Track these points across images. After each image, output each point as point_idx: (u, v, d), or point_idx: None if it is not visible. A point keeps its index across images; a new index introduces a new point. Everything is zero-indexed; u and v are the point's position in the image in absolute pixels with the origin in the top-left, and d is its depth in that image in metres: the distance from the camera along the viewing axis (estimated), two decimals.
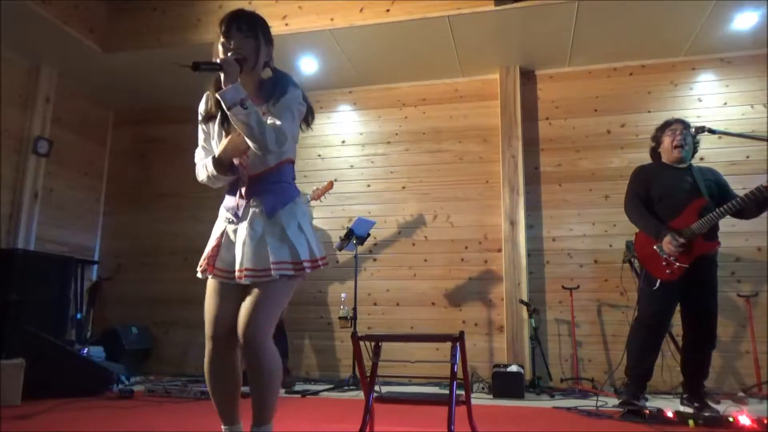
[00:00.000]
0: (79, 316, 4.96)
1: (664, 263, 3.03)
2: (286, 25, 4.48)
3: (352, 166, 5.26)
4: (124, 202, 5.77)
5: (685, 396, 3.14)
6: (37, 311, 4.31)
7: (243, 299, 1.79)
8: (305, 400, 3.62)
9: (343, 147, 5.32)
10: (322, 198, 4.55)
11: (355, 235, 4.40)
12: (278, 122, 1.74)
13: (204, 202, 5.34)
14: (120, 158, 5.91)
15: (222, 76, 1.69)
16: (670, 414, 2.73)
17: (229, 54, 1.75)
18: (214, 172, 1.80)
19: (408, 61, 4.90)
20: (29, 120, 4.87)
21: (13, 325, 3.98)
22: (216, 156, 1.81)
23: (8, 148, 4.71)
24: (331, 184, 4.59)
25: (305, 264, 1.78)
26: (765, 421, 2.54)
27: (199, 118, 1.92)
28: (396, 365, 4.40)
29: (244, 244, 1.77)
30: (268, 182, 1.82)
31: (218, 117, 1.84)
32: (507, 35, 4.47)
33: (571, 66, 4.92)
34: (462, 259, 4.83)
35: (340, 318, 4.41)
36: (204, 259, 1.84)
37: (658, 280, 3.05)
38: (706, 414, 2.76)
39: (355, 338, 2.12)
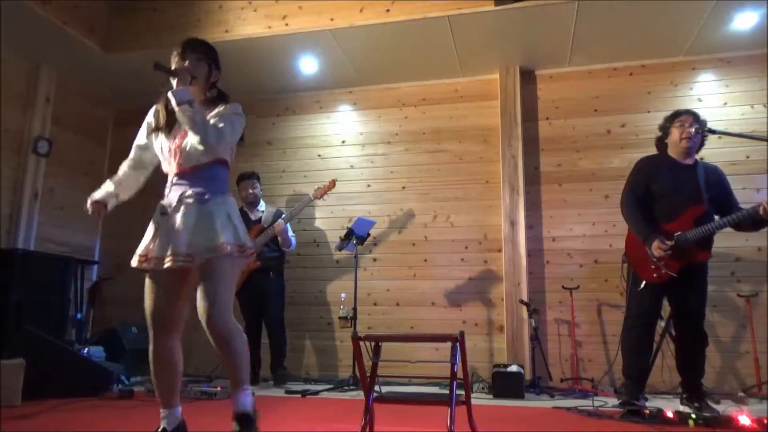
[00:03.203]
0: (79, 316, 4.96)
1: (652, 266, 3.01)
2: (286, 25, 4.48)
3: (352, 166, 5.26)
4: (124, 202, 5.74)
5: (684, 396, 3.14)
6: (37, 311, 4.30)
7: (176, 289, 2.01)
8: (305, 400, 3.62)
9: (343, 147, 5.32)
10: (324, 197, 4.55)
11: (355, 235, 4.40)
12: (219, 124, 2.02)
13: None
14: (120, 158, 5.74)
15: (174, 82, 1.99)
16: (670, 414, 2.73)
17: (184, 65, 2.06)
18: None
19: (408, 61, 4.90)
20: (29, 120, 4.87)
21: (13, 325, 3.98)
22: None
23: (8, 148, 4.71)
24: (333, 183, 4.58)
25: (228, 247, 1.94)
26: (765, 421, 2.54)
27: (146, 128, 2.23)
28: (396, 365, 4.40)
29: (177, 231, 1.96)
30: (200, 176, 2.04)
31: (164, 128, 2.11)
32: (507, 35, 4.47)
33: (571, 66, 4.92)
34: (462, 259, 4.83)
35: (340, 318, 4.41)
36: (138, 254, 2.04)
37: (644, 281, 3.04)
38: (706, 414, 2.76)
39: (355, 338, 2.12)
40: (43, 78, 4.97)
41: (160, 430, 1.99)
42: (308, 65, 5.00)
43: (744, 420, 2.55)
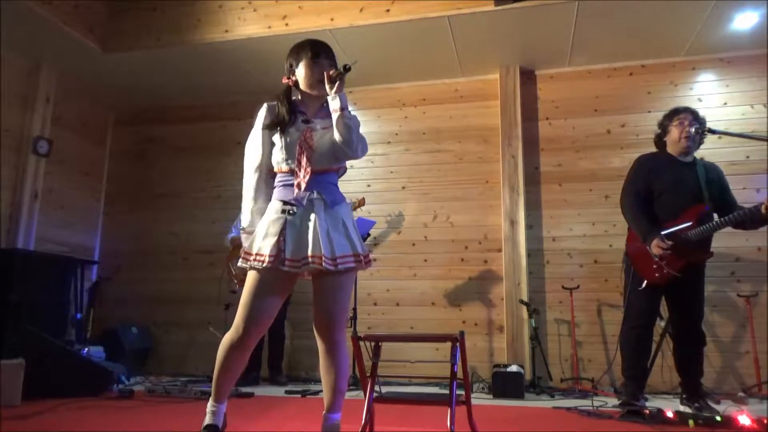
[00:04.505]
0: (79, 316, 4.96)
1: (654, 266, 2.98)
2: (286, 25, 4.48)
3: (352, 166, 5.22)
4: (124, 202, 5.77)
5: (684, 396, 3.13)
6: (37, 311, 4.31)
7: (286, 291, 2.00)
8: (305, 400, 3.62)
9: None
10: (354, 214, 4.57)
11: None
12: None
13: (203, 202, 5.35)
14: (120, 158, 5.91)
15: (337, 83, 1.94)
16: (670, 414, 2.73)
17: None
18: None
19: (408, 61, 4.90)
20: (29, 120, 4.87)
21: (13, 325, 3.98)
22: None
23: (8, 148, 4.71)
24: (363, 201, 4.52)
25: (362, 258, 1.96)
26: (765, 421, 2.54)
27: (262, 125, 2.11)
28: (396, 365, 4.40)
29: (315, 231, 1.90)
30: (327, 180, 2.04)
31: (287, 124, 2.03)
32: (507, 35, 4.47)
33: (571, 66, 4.92)
34: (462, 259, 4.83)
35: None
36: (267, 254, 1.89)
37: (645, 281, 3.02)
38: (706, 414, 2.76)
39: (355, 338, 2.13)
40: (43, 78, 4.97)
41: (207, 424, 1.96)
42: None
43: (744, 420, 2.55)
